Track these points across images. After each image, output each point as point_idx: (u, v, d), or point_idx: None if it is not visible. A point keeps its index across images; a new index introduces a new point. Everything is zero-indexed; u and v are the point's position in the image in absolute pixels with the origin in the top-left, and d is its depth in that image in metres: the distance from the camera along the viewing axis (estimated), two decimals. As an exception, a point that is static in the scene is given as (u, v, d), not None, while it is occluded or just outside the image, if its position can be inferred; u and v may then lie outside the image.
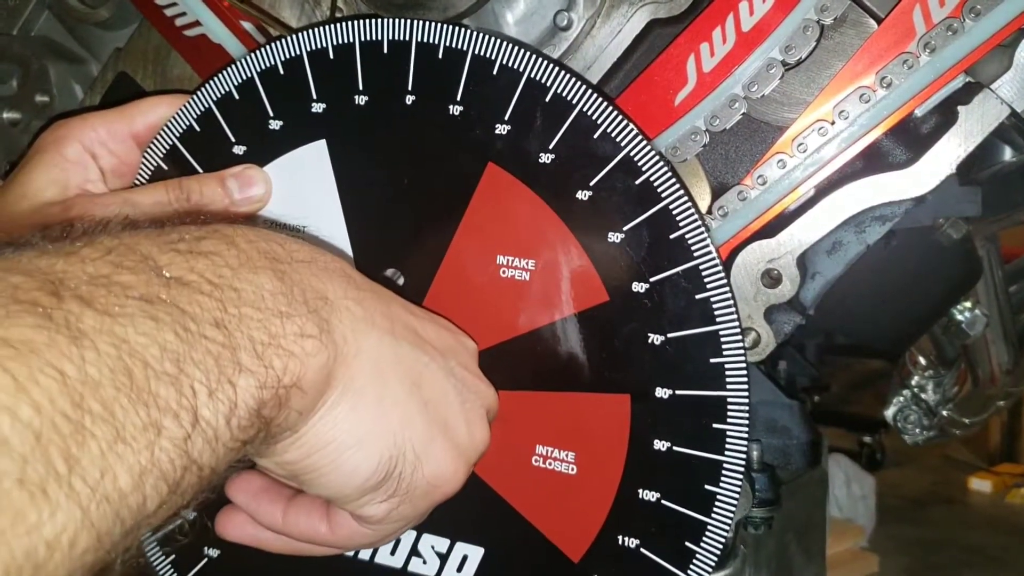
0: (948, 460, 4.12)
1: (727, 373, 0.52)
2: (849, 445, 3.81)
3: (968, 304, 0.95)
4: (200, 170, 0.63)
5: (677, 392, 0.53)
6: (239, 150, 0.62)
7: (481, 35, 0.56)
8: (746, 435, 0.52)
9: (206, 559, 0.62)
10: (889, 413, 1.22)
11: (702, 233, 0.53)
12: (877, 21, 0.56)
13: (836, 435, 3.85)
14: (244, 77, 0.62)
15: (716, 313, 0.52)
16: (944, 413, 1.18)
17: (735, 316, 0.52)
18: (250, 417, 0.37)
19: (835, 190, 0.57)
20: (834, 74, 0.56)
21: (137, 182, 0.64)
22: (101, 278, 0.33)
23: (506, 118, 0.56)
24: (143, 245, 0.37)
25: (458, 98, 0.57)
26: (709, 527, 0.53)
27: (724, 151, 0.61)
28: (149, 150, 0.64)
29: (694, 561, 0.53)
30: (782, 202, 0.57)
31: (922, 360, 1.17)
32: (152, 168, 0.64)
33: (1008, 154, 0.78)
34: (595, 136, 0.55)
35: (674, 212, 0.53)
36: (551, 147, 0.55)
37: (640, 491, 0.54)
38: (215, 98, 0.62)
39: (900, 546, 3.30)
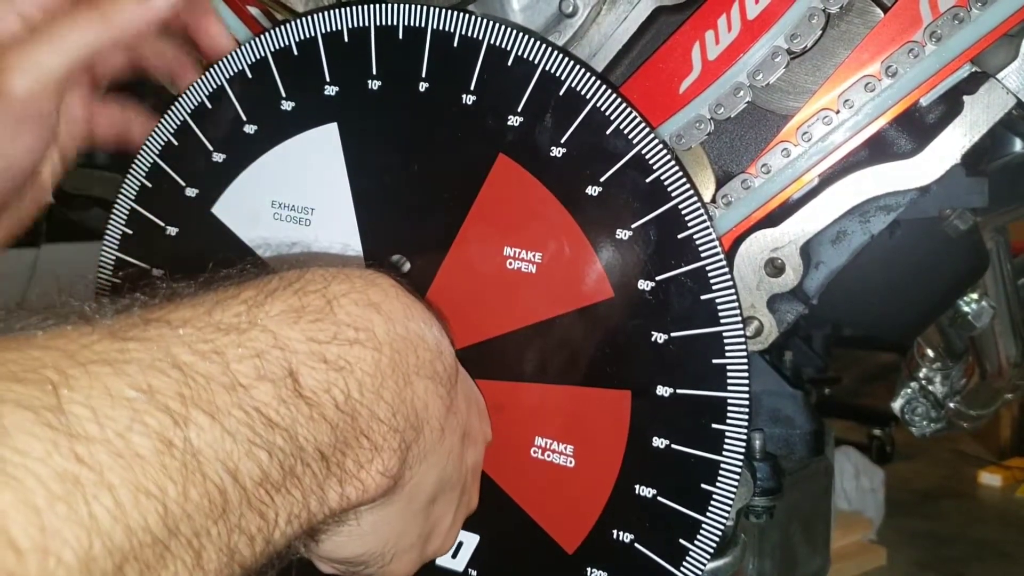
0: (958, 454, 4.10)
1: (729, 374, 0.52)
2: (859, 438, 3.80)
3: (975, 296, 0.95)
4: (210, 147, 0.63)
5: (678, 391, 0.54)
6: (250, 129, 0.62)
7: (497, 25, 0.56)
8: (745, 437, 0.53)
9: None
10: (897, 405, 1.21)
11: (710, 234, 0.53)
12: (883, 10, 0.56)
13: (846, 428, 3.84)
14: (258, 56, 0.62)
15: (720, 314, 0.53)
16: (952, 405, 1.18)
17: (739, 318, 0.52)
18: (305, 530, 0.38)
19: (839, 179, 0.57)
20: (839, 63, 0.56)
21: (147, 158, 0.64)
22: (239, 388, 0.34)
23: (519, 110, 0.56)
24: (294, 341, 0.37)
25: (471, 87, 0.57)
26: (704, 525, 0.53)
27: (728, 139, 0.60)
28: (159, 126, 0.64)
29: (687, 558, 0.54)
30: (786, 191, 0.57)
31: (930, 352, 1.16)
32: (162, 143, 0.64)
33: (1018, 146, 0.78)
34: (607, 132, 0.54)
35: (683, 212, 0.53)
36: (563, 141, 0.55)
37: (637, 487, 0.55)
38: (227, 76, 0.63)
39: (909, 539, 3.29)
